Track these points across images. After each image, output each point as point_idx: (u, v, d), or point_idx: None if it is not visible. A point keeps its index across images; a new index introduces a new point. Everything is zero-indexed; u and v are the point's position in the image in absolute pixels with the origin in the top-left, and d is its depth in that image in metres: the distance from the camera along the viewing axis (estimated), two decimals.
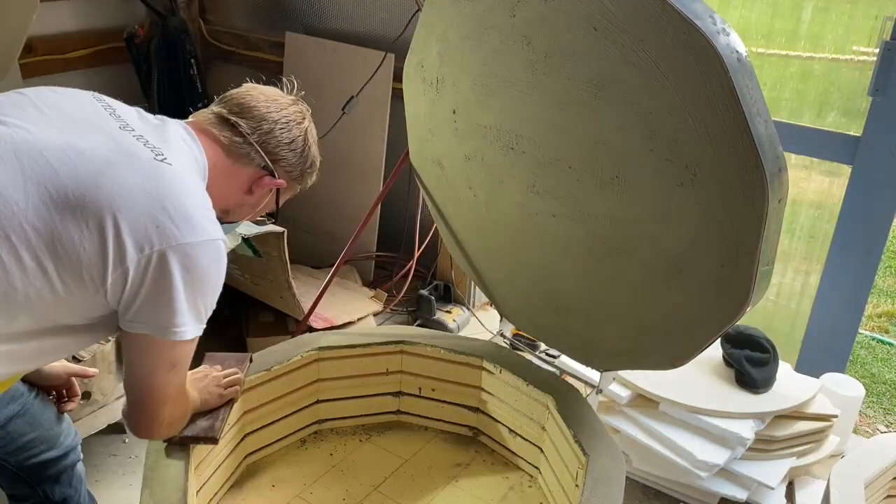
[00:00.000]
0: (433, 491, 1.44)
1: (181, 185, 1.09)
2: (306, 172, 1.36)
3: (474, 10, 1.35)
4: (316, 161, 1.37)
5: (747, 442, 1.85)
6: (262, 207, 1.34)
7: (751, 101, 1.06)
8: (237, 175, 1.25)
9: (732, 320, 1.20)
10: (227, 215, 1.29)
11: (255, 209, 1.33)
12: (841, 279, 2.19)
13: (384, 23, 2.73)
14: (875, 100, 2.01)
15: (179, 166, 1.12)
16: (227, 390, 1.37)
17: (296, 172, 1.33)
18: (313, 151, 1.36)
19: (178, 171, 1.11)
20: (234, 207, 1.29)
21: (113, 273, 1.03)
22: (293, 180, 1.34)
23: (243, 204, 1.30)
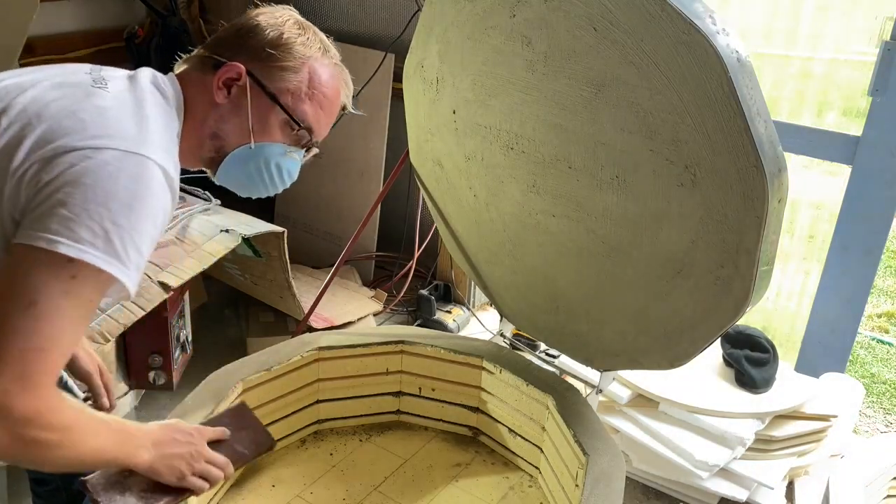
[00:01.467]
0: (433, 491, 1.44)
1: (108, 102, 0.98)
2: (276, 46, 1.10)
3: (474, 10, 1.35)
4: (284, 34, 1.11)
5: (747, 442, 1.85)
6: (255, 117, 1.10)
7: (751, 101, 1.06)
8: (200, 90, 1.10)
9: (732, 320, 1.20)
10: (218, 140, 1.11)
11: (238, 117, 1.10)
12: (841, 279, 2.19)
13: (384, 23, 2.73)
14: (875, 100, 2.01)
15: (116, 90, 1.01)
16: (195, 480, 1.08)
17: (258, 50, 1.10)
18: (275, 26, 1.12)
19: (112, 94, 1.00)
20: (216, 127, 1.10)
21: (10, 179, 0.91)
22: (260, 62, 1.10)
23: (222, 117, 1.10)
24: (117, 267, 0.90)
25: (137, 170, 0.93)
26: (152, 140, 0.97)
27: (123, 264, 0.90)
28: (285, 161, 1.15)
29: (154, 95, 1.05)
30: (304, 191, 2.98)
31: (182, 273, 1.88)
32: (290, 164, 1.17)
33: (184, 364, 2.19)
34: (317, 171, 3.06)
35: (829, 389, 2.08)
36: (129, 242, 0.91)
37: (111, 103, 0.99)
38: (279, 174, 1.16)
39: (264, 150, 1.12)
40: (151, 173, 0.94)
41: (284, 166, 1.16)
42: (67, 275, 0.87)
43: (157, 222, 0.95)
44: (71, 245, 0.87)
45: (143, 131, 0.97)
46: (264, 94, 1.10)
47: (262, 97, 1.10)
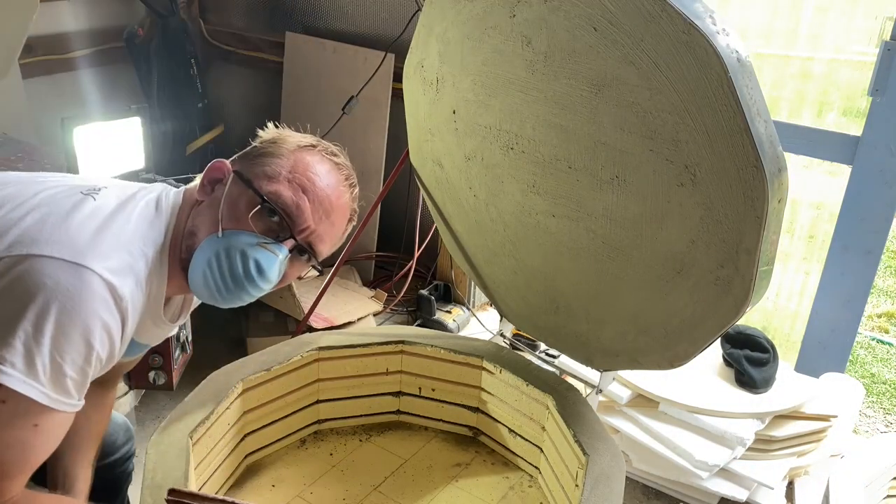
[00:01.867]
0: (433, 491, 1.44)
1: (84, 211, 0.93)
2: (269, 141, 1.09)
3: (474, 10, 1.35)
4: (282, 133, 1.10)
5: (747, 442, 1.86)
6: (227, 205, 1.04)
7: (751, 101, 1.06)
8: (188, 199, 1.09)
9: (732, 320, 1.20)
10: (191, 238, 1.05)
11: (212, 208, 1.04)
12: (841, 279, 2.19)
13: (384, 23, 2.73)
14: (875, 100, 2.01)
15: (103, 200, 0.96)
16: None
17: (249, 153, 1.09)
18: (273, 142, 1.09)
19: (95, 204, 0.95)
20: (192, 224, 1.06)
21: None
22: (248, 159, 1.08)
23: (199, 213, 1.05)
24: (35, 389, 0.86)
25: (76, 284, 0.86)
26: (104, 253, 0.90)
27: (41, 384, 0.86)
28: (256, 252, 1.01)
29: (143, 209, 0.99)
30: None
31: None
32: (261, 256, 1.01)
33: (184, 364, 2.19)
34: None
35: (829, 389, 2.08)
36: (50, 363, 0.86)
37: (85, 212, 0.93)
38: (244, 266, 1.00)
39: (231, 239, 1.00)
40: (91, 288, 0.87)
41: (252, 256, 1.01)
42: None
43: (92, 342, 0.88)
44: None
45: (98, 243, 0.90)
46: (241, 182, 1.03)
47: (239, 184, 1.03)
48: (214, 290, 1.03)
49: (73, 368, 0.89)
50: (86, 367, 0.91)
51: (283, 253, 1.03)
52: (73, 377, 0.90)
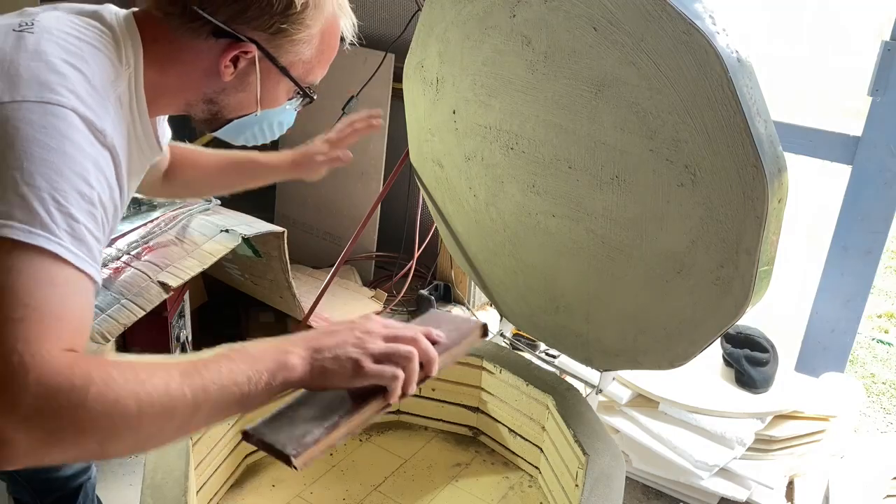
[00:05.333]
0: (433, 491, 1.44)
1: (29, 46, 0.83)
2: (287, 17, 0.96)
3: (474, 10, 1.35)
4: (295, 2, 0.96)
5: (747, 442, 1.86)
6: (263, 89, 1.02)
7: (751, 101, 1.06)
8: (189, 55, 0.96)
9: (732, 320, 1.20)
10: (214, 106, 1.02)
11: (244, 91, 1.01)
12: (841, 279, 2.19)
13: (384, 23, 2.73)
14: (875, 100, 2.01)
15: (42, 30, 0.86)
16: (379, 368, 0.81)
17: (267, 21, 0.95)
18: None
19: (35, 36, 0.85)
20: (214, 95, 1.01)
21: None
22: (272, 36, 0.97)
23: (224, 90, 1.00)
24: (44, 238, 0.72)
25: (49, 120, 0.77)
26: (74, 89, 0.81)
27: (51, 232, 0.73)
28: (286, 116, 1.13)
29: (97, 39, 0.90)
30: (304, 191, 2.98)
31: (182, 273, 1.88)
32: (289, 116, 1.14)
33: None
34: None
35: (829, 389, 2.08)
36: (53, 205, 0.74)
37: (30, 49, 0.83)
38: (280, 128, 1.14)
39: (268, 114, 1.08)
40: (69, 122, 0.78)
41: (285, 120, 1.14)
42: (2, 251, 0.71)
43: (89, 179, 0.78)
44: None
45: (62, 78, 0.81)
46: (275, 68, 1.00)
47: (272, 70, 1.00)
48: (245, 142, 1.13)
49: (80, 212, 0.76)
50: (92, 210, 0.78)
51: (297, 103, 1.12)
52: (87, 225, 0.77)
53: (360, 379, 0.80)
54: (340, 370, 0.79)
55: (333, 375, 0.79)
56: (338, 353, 0.79)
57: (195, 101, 1.01)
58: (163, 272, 1.87)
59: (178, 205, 2.15)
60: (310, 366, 0.78)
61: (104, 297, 1.77)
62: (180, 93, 0.99)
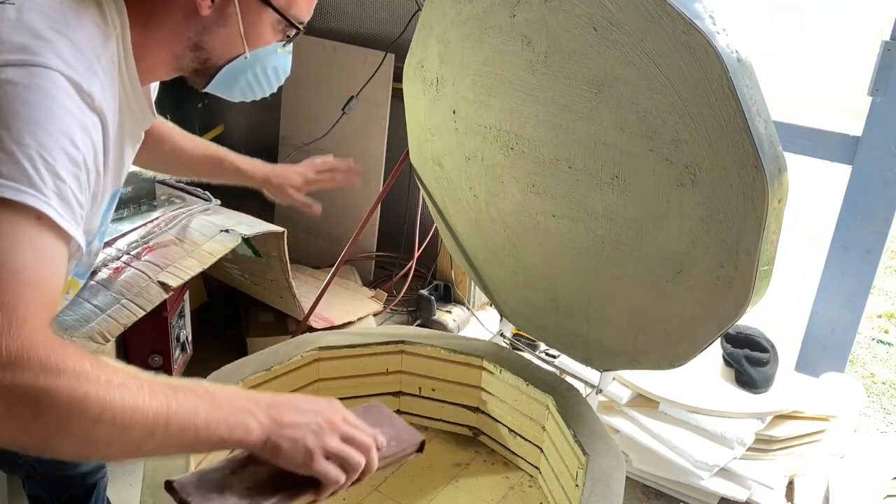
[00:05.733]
0: (433, 491, 1.44)
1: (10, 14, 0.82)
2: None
3: (474, 10, 1.35)
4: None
5: (747, 442, 1.86)
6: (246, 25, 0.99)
7: (751, 100, 1.06)
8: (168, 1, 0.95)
9: (732, 320, 1.20)
10: (202, 52, 1.00)
11: (227, 27, 0.98)
12: (841, 279, 2.19)
13: (384, 23, 2.73)
14: (875, 100, 2.02)
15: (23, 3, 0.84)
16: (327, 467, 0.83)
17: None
18: None
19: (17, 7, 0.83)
20: (198, 39, 0.98)
21: None
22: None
23: (205, 28, 0.97)
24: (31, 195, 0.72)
25: (35, 81, 0.76)
26: (60, 53, 0.80)
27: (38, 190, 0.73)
28: (280, 60, 1.08)
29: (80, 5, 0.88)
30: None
31: (182, 273, 1.88)
32: (284, 61, 1.09)
33: (184, 364, 2.19)
34: None
35: (829, 389, 2.08)
36: (41, 163, 0.73)
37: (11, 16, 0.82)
38: (276, 75, 1.10)
39: (259, 56, 1.03)
40: (54, 83, 0.77)
41: (280, 66, 1.09)
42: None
43: (75, 141, 0.78)
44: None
45: (48, 43, 0.80)
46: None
47: (252, 1, 0.97)
48: (245, 95, 1.10)
49: (66, 173, 0.76)
50: (77, 172, 0.78)
51: (291, 47, 1.09)
52: (72, 187, 0.77)
53: (305, 469, 0.82)
54: (292, 454, 0.80)
55: (283, 455, 0.80)
56: (296, 435, 0.80)
57: (182, 52, 0.98)
58: (163, 272, 1.87)
59: (177, 205, 2.15)
60: (266, 437, 0.79)
61: (104, 297, 1.77)
62: (166, 46, 0.96)
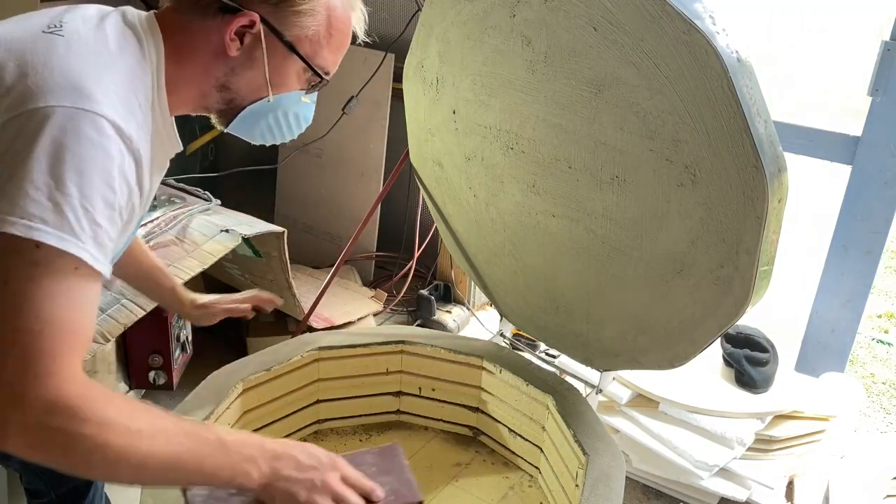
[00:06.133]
0: (433, 491, 1.44)
1: (59, 49, 0.87)
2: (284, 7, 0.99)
3: (474, 10, 1.35)
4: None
5: (747, 442, 1.86)
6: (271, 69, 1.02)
7: (751, 101, 1.06)
8: (200, 37, 0.99)
9: (732, 320, 1.20)
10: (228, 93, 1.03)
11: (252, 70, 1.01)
12: (841, 279, 2.19)
13: (384, 23, 2.73)
14: (875, 100, 2.02)
15: (71, 32, 0.89)
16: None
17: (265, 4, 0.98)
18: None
19: (65, 39, 0.88)
20: (226, 79, 1.02)
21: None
22: (274, 7, 0.98)
23: (233, 70, 1.01)
24: (72, 243, 0.79)
25: (83, 129, 0.82)
26: (106, 94, 0.85)
27: (78, 238, 0.79)
28: (302, 108, 1.11)
29: (123, 39, 0.93)
30: (304, 191, 2.98)
31: (182, 273, 1.88)
32: (306, 109, 1.12)
33: (184, 364, 2.19)
34: (317, 171, 3.06)
35: (829, 389, 2.08)
36: (82, 212, 0.80)
37: (60, 52, 0.87)
38: (297, 121, 1.12)
39: (282, 102, 1.07)
40: (102, 131, 0.83)
41: (302, 114, 1.12)
42: (28, 255, 0.77)
43: (114, 186, 0.84)
44: (19, 223, 0.77)
45: (95, 83, 0.85)
46: (281, 44, 1.00)
47: (279, 46, 1.00)
48: (266, 139, 1.12)
49: (103, 218, 0.82)
50: (113, 214, 0.84)
51: (315, 97, 1.13)
52: (107, 230, 0.83)
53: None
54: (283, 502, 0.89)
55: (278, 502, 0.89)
56: (290, 489, 0.89)
57: (209, 90, 1.02)
58: None
59: (178, 205, 2.15)
60: (264, 486, 0.88)
61: (104, 297, 1.77)
62: (195, 83, 1.00)
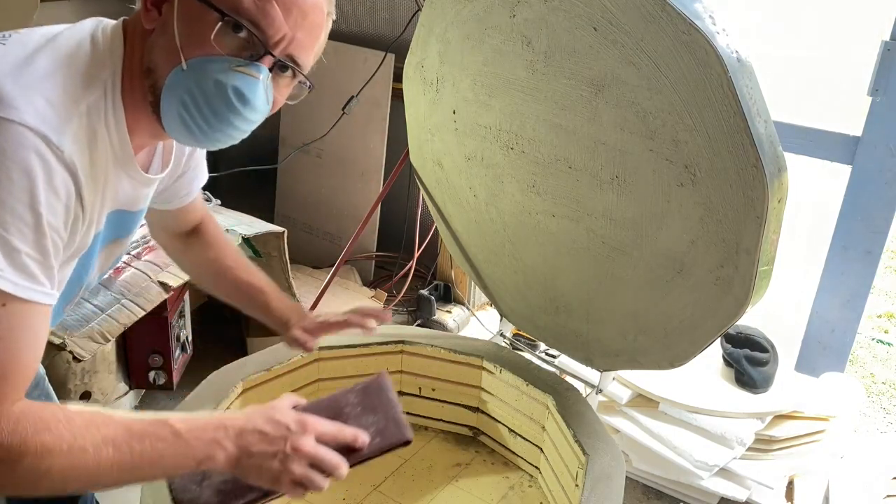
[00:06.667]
0: (433, 491, 1.44)
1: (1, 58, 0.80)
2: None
3: (474, 10, 1.35)
4: None
5: (747, 442, 1.85)
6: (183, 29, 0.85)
7: (751, 101, 1.06)
8: (138, 24, 0.88)
9: (732, 320, 1.20)
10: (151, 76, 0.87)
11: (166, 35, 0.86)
12: (841, 279, 2.19)
13: (384, 23, 2.73)
14: (875, 100, 2.01)
15: (15, 43, 0.82)
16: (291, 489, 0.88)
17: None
18: None
19: (10, 50, 0.81)
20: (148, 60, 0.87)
21: None
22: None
23: (152, 47, 0.87)
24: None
25: (13, 141, 0.74)
26: (32, 100, 0.77)
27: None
28: (232, 78, 0.85)
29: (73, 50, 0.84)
30: (304, 191, 2.98)
31: (182, 273, 1.88)
32: (240, 82, 0.85)
33: (184, 364, 2.19)
34: (317, 171, 3.06)
35: (829, 389, 2.08)
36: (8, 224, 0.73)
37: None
38: (224, 97, 0.85)
39: (198, 69, 0.84)
40: (18, 141, 0.74)
41: (230, 84, 0.85)
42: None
43: (36, 206, 0.75)
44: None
45: (21, 88, 0.77)
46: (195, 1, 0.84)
47: (192, 3, 0.84)
48: (196, 130, 0.88)
49: (24, 242, 0.75)
50: (40, 239, 0.76)
51: (263, 73, 0.87)
52: (30, 253, 0.76)
53: (273, 488, 0.88)
54: (258, 479, 0.87)
55: (251, 479, 0.87)
56: (262, 464, 0.86)
57: (142, 83, 0.88)
58: (163, 272, 1.87)
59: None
60: (234, 465, 0.85)
61: (104, 297, 1.77)
62: (138, 84, 0.88)
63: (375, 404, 1.00)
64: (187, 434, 0.82)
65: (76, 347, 1.79)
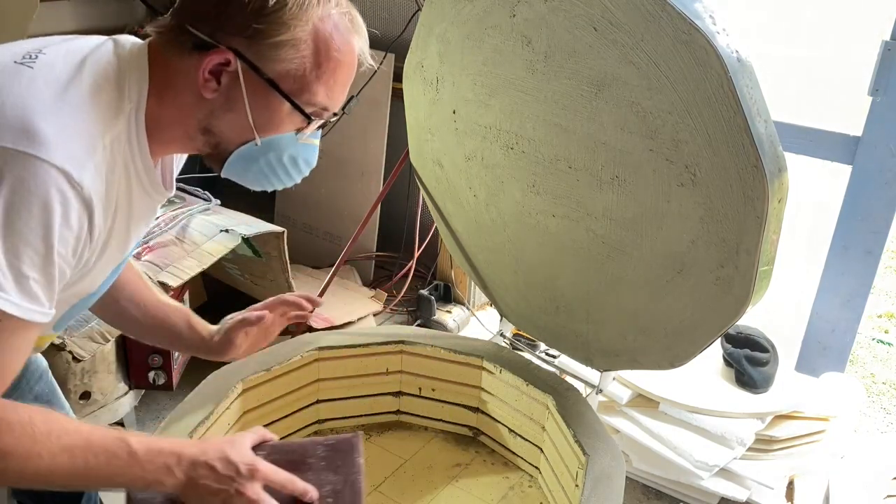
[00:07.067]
0: (433, 491, 1.44)
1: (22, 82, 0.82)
2: (262, 17, 0.86)
3: (474, 10, 1.35)
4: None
5: (747, 442, 1.86)
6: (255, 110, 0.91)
7: (751, 101, 1.06)
8: (180, 77, 0.90)
9: (732, 320, 1.20)
10: (212, 136, 0.94)
11: (234, 112, 0.91)
12: (841, 279, 2.19)
13: (384, 23, 2.74)
14: (875, 100, 2.01)
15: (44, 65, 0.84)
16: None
17: (243, 24, 0.87)
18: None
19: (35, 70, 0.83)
20: (207, 122, 0.92)
21: None
22: (249, 40, 0.87)
23: (213, 112, 0.91)
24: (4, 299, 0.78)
25: (23, 175, 0.77)
26: (59, 134, 0.80)
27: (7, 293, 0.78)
28: (300, 149, 0.98)
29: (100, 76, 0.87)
30: (304, 191, 2.98)
31: (182, 273, 1.88)
32: (305, 151, 0.99)
33: (184, 364, 2.19)
34: (317, 171, 3.06)
35: (829, 389, 2.08)
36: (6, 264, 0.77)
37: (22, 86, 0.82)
38: (294, 165, 0.99)
39: (273, 144, 0.94)
40: (41, 179, 0.77)
41: (300, 155, 0.98)
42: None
43: (50, 239, 0.80)
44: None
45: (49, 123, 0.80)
46: (262, 82, 0.89)
47: (260, 84, 0.89)
48: (255, 183, 1.01)
49: (33, 269, 0.80)
50: (47, 267, 0.81)
51: (319, 137, 1.01)
52: (37, 279, 0.80)
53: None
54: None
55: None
56: (206, 498, 0.89)
57: (194, 133, 0.93)
58: (163, 272, 1.87)
59: (178, 205, 2.15)
60: (181, 492, 0.88)
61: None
62: (178, 124, 0.92)
63: (339, 465, 1.00)
64: (143, 456, 0.85)
65: (76, 347, 1.79)
